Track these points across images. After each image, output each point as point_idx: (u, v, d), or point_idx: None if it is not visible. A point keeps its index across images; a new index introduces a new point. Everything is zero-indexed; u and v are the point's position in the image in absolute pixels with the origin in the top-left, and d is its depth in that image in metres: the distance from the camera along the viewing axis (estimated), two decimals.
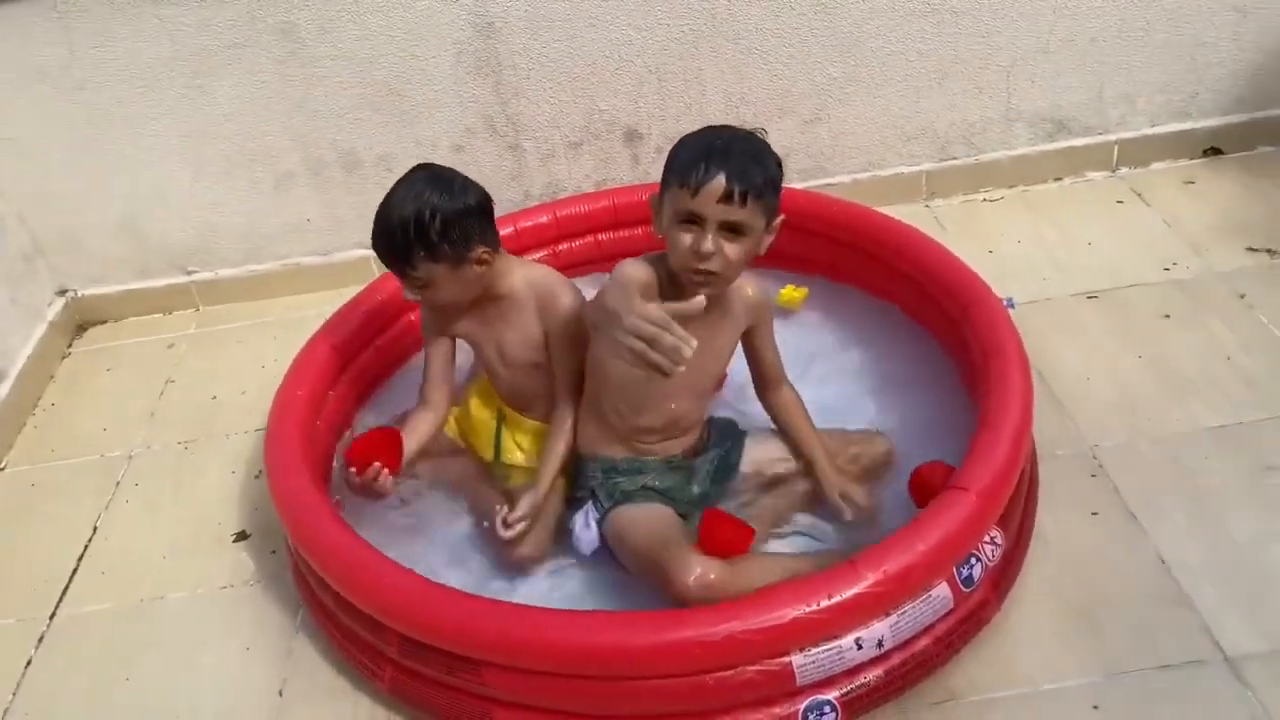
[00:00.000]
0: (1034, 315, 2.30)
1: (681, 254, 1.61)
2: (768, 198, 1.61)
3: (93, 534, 2.14)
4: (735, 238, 1.60)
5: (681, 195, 1.58)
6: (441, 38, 2.52)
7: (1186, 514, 1.80)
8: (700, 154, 1.57)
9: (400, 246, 1.76)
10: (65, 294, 2.83)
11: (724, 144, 1.59)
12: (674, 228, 1.62)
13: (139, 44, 2.48)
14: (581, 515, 1.80)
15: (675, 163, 1.62)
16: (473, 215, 1.77)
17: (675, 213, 1.61)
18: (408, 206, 1.73)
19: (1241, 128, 2.79)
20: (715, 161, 1.56)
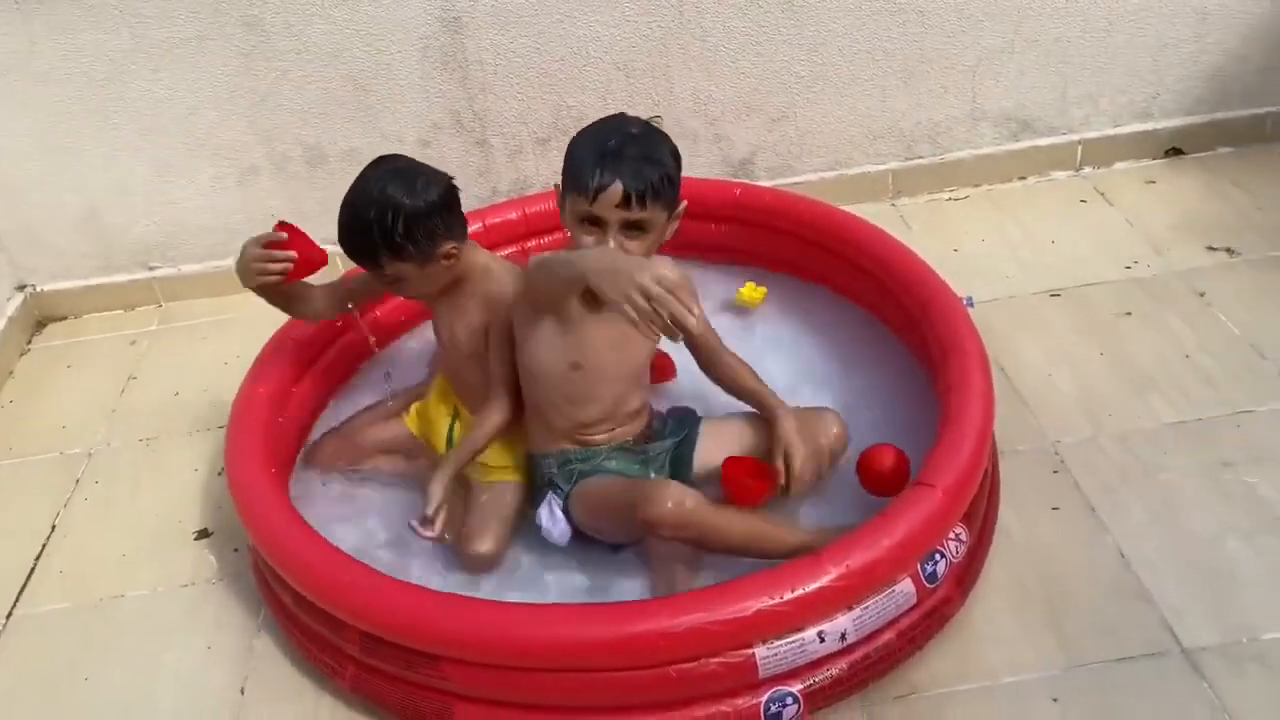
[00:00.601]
0: (997, 313, 2.32)
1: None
2: (666, 194, 1.62)
3: (51, 532, 2.11)
4: (638, 235, 1.63)
5: (580, 200, 1.61)
6: (408, 32, 2.51)
7: (1146, 509, 1.82)
8: (594, 159, 1.59)
9: (365, 248, 1.74)
10: (24, 289, 2.79)
11: (617, 145, 1.59)
12: (577, 229, 1.65)
13: (100, 36, 2.45)
14: (545, 508, 1.80)
15: (571, 167, 1.63)
16: (437, 212, 1.74)
17: (575, 215, 1.64)
18: (370, 208, 1.70)
19: (1202, 128, 2.83)
20: (609, 167, 1.57)
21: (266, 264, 1.77)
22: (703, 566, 1.72)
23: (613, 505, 1.71)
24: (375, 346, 2.21)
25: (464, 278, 1.85)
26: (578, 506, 1.77)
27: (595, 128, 1.67)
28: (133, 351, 2.66)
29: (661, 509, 1.59)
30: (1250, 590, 1.66)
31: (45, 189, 2.65)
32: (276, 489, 1.75)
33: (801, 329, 2.29)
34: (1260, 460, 1.88)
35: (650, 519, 1.60)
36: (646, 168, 1.59)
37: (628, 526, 1.68)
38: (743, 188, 2.47)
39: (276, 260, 1.77)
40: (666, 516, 1.59)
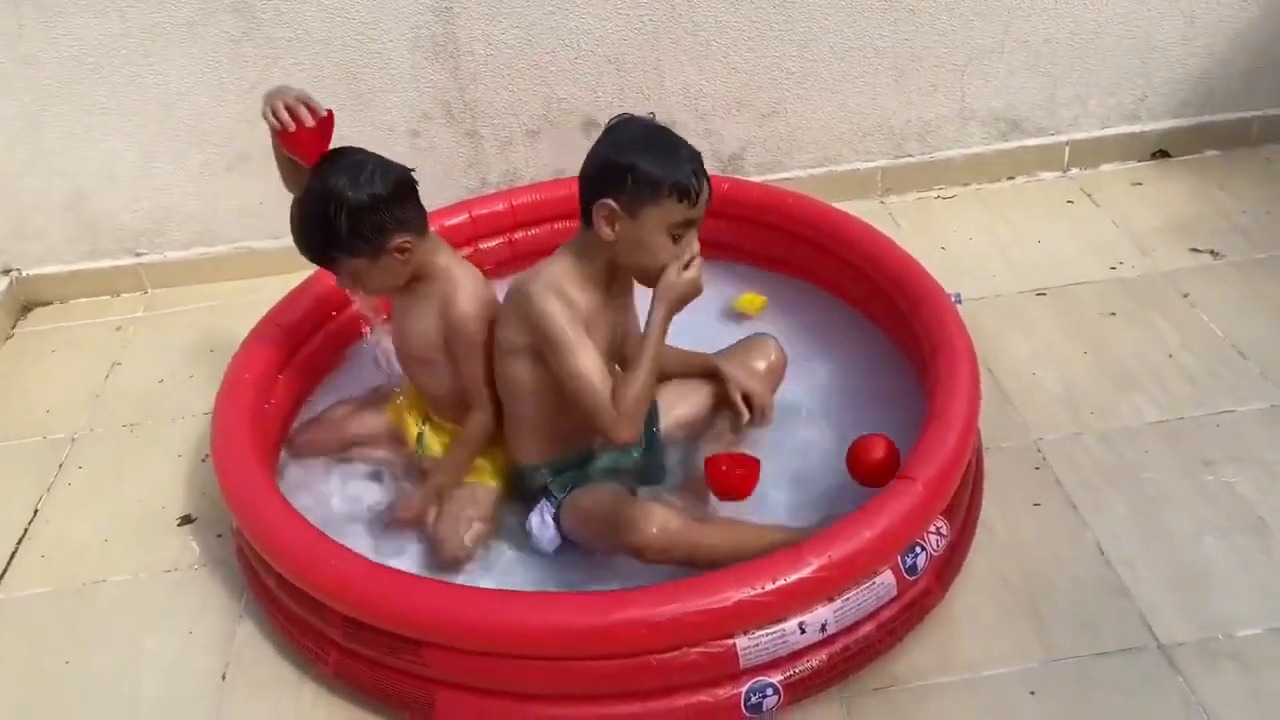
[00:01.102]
0: (984, 311, 2.33)
1: (666, 258, 1.65)
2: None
3: (33, 517, 2.10)
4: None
5: (679, 208, 1.62)
6: (399, 20, 2.51)
7: (1126, 506, 1.83)
8: (688, 165, 1.63)
9: (313, 244, 1.73)
10: (10, 273, 2.77)
11: (689, 149, 1.66)
12: (662, 238, 1.64)
13: (89, 19, 2.44)
14: (537, 514, 1.79)
15: (659, 176, 1.60)
16: (383, 205, 1.70)
17: (670, 224, 1.63)
18: (315, 203, 1.68)
19: (1189, 131, 2.85)
20: (701, 170, 1.64)
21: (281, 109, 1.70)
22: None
23: (600, 522, 1.70)
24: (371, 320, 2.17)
25: (422, 276, 1.82)
26: (568, 517, 1.76)
27: (656, 137, 1.67)
28: (118, 337, 2.65)
29: (647, 535, 1.59)
30: (1227, 587, 1.67)
31: (32, 173, 2.63)
32: (262, 472, 1.75)
33: (789, 324, 2.29)
34: (1240, 460, 1.90)
35: (636, 545, 1.60)
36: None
37: (611, 541, 1.68)
38: (731, 183, 2.47)
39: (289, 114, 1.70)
40: (653, 541, 1.59)
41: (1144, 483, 1.88)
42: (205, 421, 2.24)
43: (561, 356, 1.65)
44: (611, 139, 1.68)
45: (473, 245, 2.42)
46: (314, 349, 2.20)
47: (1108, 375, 2.14)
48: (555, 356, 1.66)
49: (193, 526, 2.03)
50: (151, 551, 1.98)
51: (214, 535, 1.99)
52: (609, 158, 1.64)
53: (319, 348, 2.22)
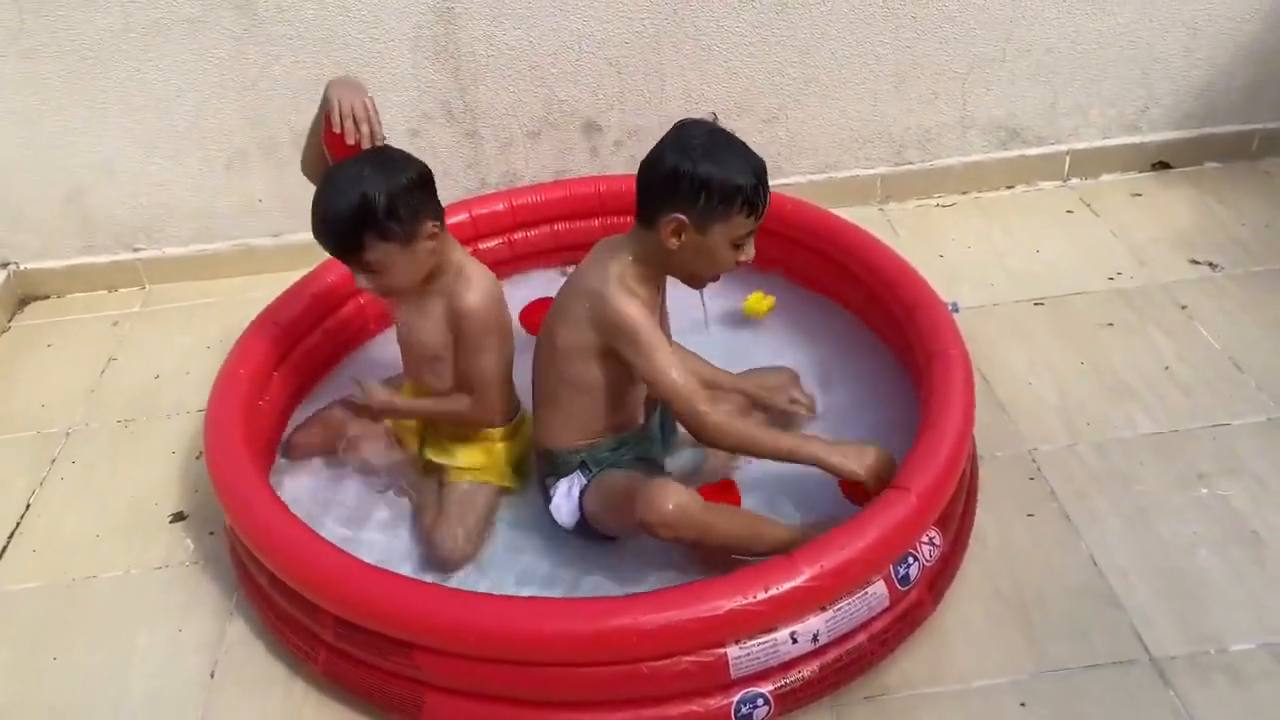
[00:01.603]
0: (981, 319, 2.33)
1: (726, 266, 1.71)
2: None
3: (25, 511, 2.10)
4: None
5: (748, 222, 1.65)
6: (401, 20, 2.50)
7: (1120, 517, 1.83)
8: (755, 177, 1.64)
9: (348, 233, 1.71)
10: (7, 267, 2.77)
11: (756, 161, 1.66)
12: (725, 247, 1.67)
13: (91, 14, 2.43)
14: (565, 483, 1.81)
15: (733, 190, 1.61)
16: (417, 189, 1.73)
17: (736, 236, 1.66)
18: (351, 191, 1.68)
19: (1189, 143, 2.85)
20: (765, 182, 1.66)
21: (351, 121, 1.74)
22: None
23: (620, 496, 1.72)
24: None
25: (435, 272, 1.82)
26: (592, 492, 1.78)
27: (727, 144, 1.65)
28: (114, 332, 2.65)
29: (662, 512, 1.60)
30: (1220, 601, 1.67)
31: (31, 167, 2.63)
32: (254, 469, 1.74)
33: (787, 330, 2.30)
34: (1235, 472, 1.90)
35: (650, 521, 1.60)
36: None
37: (627, 519, 1.68)
38: None
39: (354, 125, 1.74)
40: (667, 518, 1.60)
41: (1138, 494, 1.87)
42: (200, 419, 2.22)
43: (646, 355, 1.68)
44: (681, 145, 1.64)
45: (472, 245, 2.41)
46: (310, 346, 2.20)
47: (1104, 386, 2.13)
48: (638, 355, 1.69)
49: (185, 523, 2.02)
50: (143, 548, 1.97)
51: (206, 533, 1.99)
52: (679, 168, 1.61)
53: (316, 345, 2.22)
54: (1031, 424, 2.05)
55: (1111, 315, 2.33)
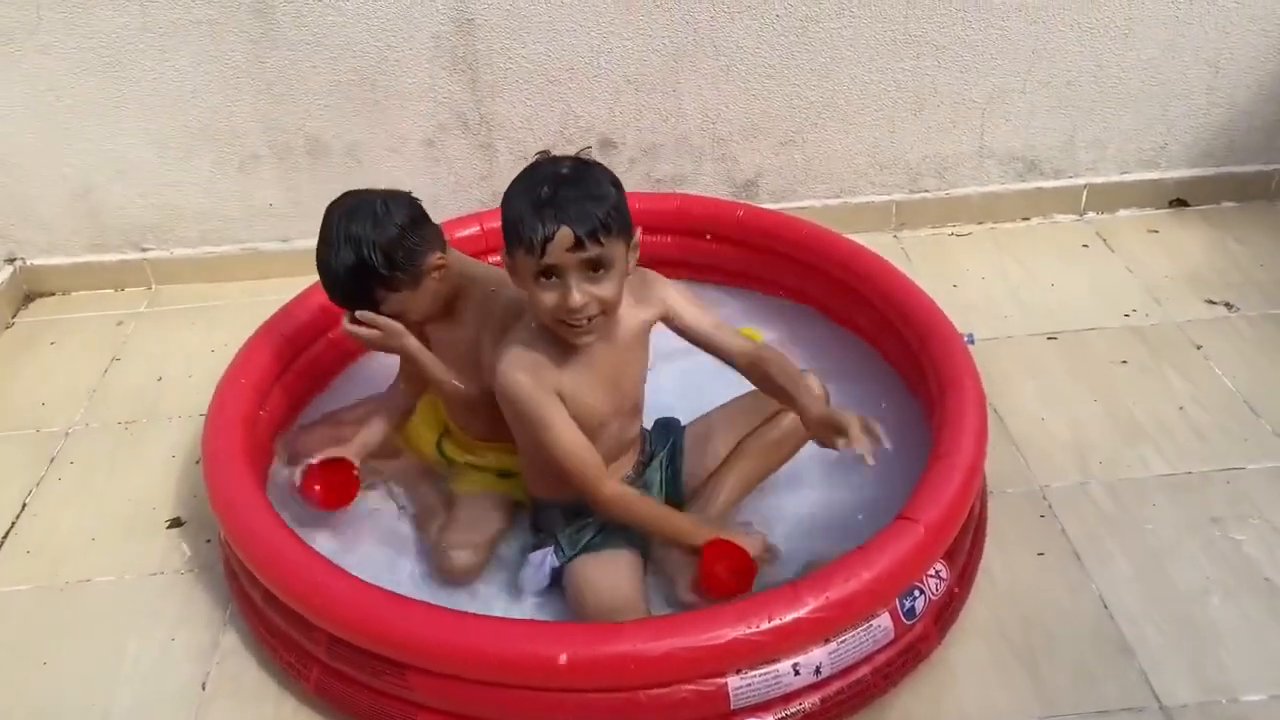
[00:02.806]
0: (994, 352, 2.30)
1: (550, 312, 1.54)
2: (616, 225, 1.51)
3: (21, 510, 2.07)
4: (602, 275, 1.53)
5: (529, 259, 1.50)
6: (420, 30, 2.49)
7: (1131, 560, 1.80)
8: (531, 212, 1.48)
9: (357, 293, 1.71)
10: (14, 262, 2.76)
11: (550, 191, 1.48)
12: (534, 286, 1.53)
13: (108, 12, 2.42)
14: (540, 555, 1.75)
15: (509, 226, 1.52)
16: (409, 232, 1.70)
17: (529, 272, 1.52)
18: (344, 253, 1.67)
19: (1208, 181, 2.83)
20: (550, 215, 1.46)
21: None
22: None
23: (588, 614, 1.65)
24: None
25: (459, 291, 1.81)
26: (570, 582, 1.71)
27: (523, 179, 1.54)
28: (119, 332, 2.63)
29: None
30: (1232, 649, 1.63)
31: (42, 163, 2.62)
32: (252, 482, 1.72)
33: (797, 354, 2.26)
34: (1248, 518, 1.87)
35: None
36: (589, 205, 1.48)
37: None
38: (746, 209, 2.45)
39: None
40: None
41: (1150, 536, 1.84)
42: (201, 423, 2.20)
43: (535, 428, 1.62)
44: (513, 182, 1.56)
45: (483, 257, 2.39)
46: (314, 356, 2.18)
47: (1117, 425, 2.10)
48: (529, 427, 1.63)
49: (182, 529, 2.00)
50: (138, 553, 1.95)
51: (203, 540, 1.96)
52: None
53: (319, 354, 2.19)
54: (1043, 460, 2.02)
55: (1126, 353, 2.31)
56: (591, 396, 1.67)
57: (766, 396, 1.81)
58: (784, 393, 1.73)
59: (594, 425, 1.69)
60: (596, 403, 1.68)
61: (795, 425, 1.80)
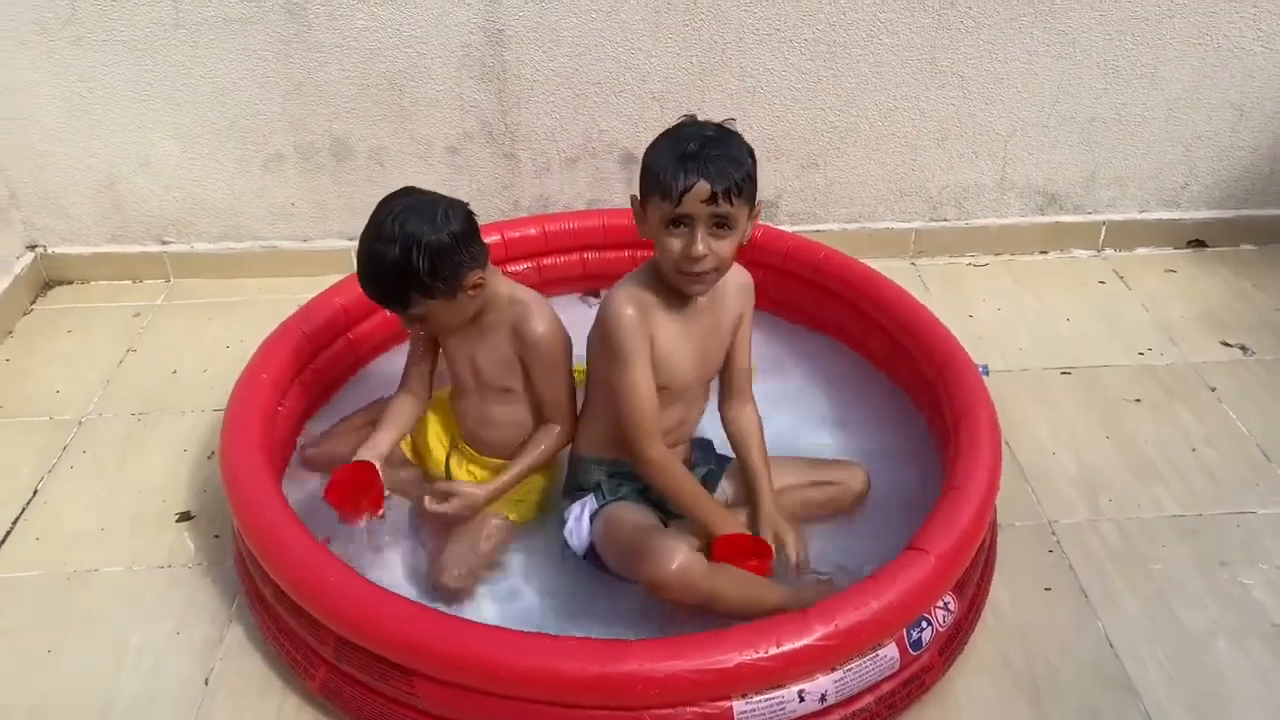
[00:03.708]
0: (1007, 384, 2.31)
1: (673, 258, 1.63)
2: (748, 190, 1.63)
3: (32, 497, 2.08)
4: (724, 233, 1.62)
5: (664, 204, 1.60)
6: (450, 39, 2.51)
7: (1138, 599, 1.80)
8: (675, 161, 1.58)
9: (392, 292, 1.71)
10: (35, 249, 2.77)
11: (696, 147, 1.59)
12: (662, 232, 1.63)
13: (141, 6, 2.44)
14: (578, 506, 1.79)
15: (651, 174, 1.62)
16: (461, 244, 1.69)
17: (662, 218, 1.62)
18: (393, 247, 1.65)
19: (1227, 223, 2.84)
20: (692, 168, 1.57)
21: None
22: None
23: (624, 545, 1.69)
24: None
25: (487, 306, 1.81)
26: (600, 526, 1.75)
27: (670, 134, 1.65)
28: (135, 324, 2.64)
29: (665, 571, 1.55)
30: (1236, 694, 1.63)
31: (68, 152, 2.64)
32: (271, 481, 1.72)
33: (812, 381, 2.28)
34: (1257, 563, 1.86)
35: (653, 579, 1.57)
36: (729, 166, 1.58)
37: (630, 568, 1.65)
38: (765, 230, 2.46)
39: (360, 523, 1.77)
40: (670, 579, 1.56)
41: (1158, 577, 1.84)
42: (214, 418, 2.24)
43: (610, 362, 1.69)
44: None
45: (501, 267, 2.40)
46: (333, 355, 2.19)
47: (1128, 463, 2.10)
48: (606, 361, 1.70)
49: (191, 524, 2.00)
50: (147, 545, 1.95)
51: (211, 535, 1.97)
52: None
53: (338, 354, 2.21)
54: (1053, 495, 2.03)
55: (1139, 391, 2.31)
56: (680, 354, 1.73)
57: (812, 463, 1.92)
58: (751, 474, 1.85)
59: (674, 388, 1.75)
60: (683, 362, 1.74)
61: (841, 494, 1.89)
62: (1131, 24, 2.55)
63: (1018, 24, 2.54)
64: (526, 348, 1.79)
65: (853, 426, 2.15)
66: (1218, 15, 2.54)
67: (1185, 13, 2.54)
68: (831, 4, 2.50)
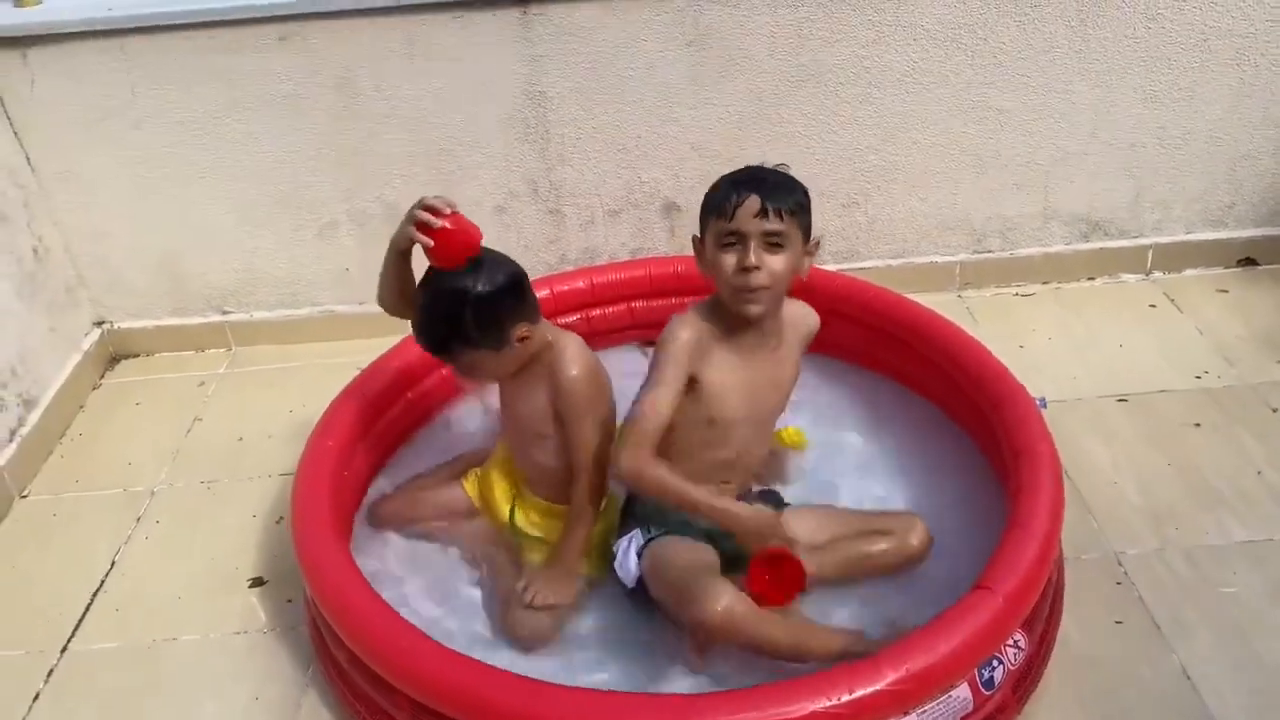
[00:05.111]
0: (1063, 414, 2.29)
1: (728, 275, 1.69)
2: (800, 214, 1.70)
3: (110, 569, 2.14)
4: (776, 250, 1.68)
5: (719, 223, 1.68)
6: (494, 103, 2.58)
7: (1213, 630, 1.77)
8: (730, 185, 1.70)
9: (437, 340, 1.78)
10: (102, 325, 2.86)
11: (750, 173, 1.72)
12: (717, 253, 1.70)
13: (198, 89, 2.54)
14: (626, 540, 1.81)
15: (710, 200, 1.73)
16: (507, 297, 1.75)
17: (716, 237, 1.70)
18: (439, 300, 1.73)
19: (1276, 240, 2.81)
20: (745, 187, 1.67)
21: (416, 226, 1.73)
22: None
23: (670, 585, 1.70)
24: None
25: (536, 356, 1.85)
26: (648, 560, 1.76)
27: (729, 172, 1.76)
28: (200, 393, 2.72)
29: (710, 613, 1.57)
30: None
31: (131, 230, 2.73)
32: (340, 547, 1.76)
33: (866, 422, 2.28)
34: None
35: (698, 620, 1.58)
36: (781, 188, 1.69)
37: (677, 607, 1.67)
38: (812, 272, 2.46)
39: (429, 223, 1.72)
40: (715, 621, 1.57)
41: (1232, 606, 1.82)
42: (281, 482, 2.29)
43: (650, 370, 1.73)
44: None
45: (551, 320, 2.44)
46: (394, 417, 2.23)
47: (1192, 489, 2.08)
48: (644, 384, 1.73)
49: (263, 589, 2.05)
50: (222, 612, 2.00)
51: (284, 600, 2.01)
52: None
53: (398, 416, 2.25)
54: (1117, 526, 2.01)
55: (1199, 415, 2.29)
56: (730, 384, 1.76)
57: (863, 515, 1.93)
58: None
59: (720, 421, 1.77)
60: (732, 393, 1.76)
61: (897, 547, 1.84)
62: (1167, 49, 2.55)
63: (1051, 55, 2.56)
64: (558, 391, 1.82)
65: (911, 468, 2.14)
66: (1254, 36, 2.54)
67: (1221, 35, 2.54)
68: (864, 48, 2.54)
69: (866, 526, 1.87)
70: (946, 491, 2.05)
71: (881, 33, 2.52)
